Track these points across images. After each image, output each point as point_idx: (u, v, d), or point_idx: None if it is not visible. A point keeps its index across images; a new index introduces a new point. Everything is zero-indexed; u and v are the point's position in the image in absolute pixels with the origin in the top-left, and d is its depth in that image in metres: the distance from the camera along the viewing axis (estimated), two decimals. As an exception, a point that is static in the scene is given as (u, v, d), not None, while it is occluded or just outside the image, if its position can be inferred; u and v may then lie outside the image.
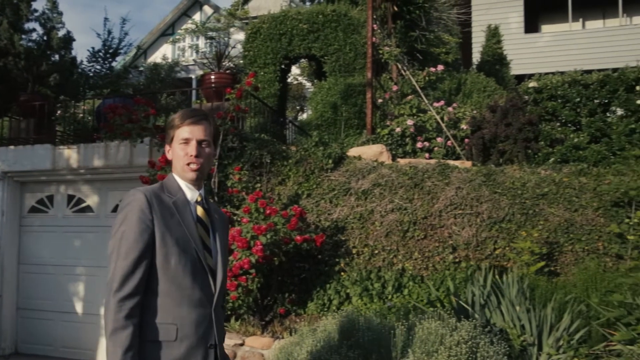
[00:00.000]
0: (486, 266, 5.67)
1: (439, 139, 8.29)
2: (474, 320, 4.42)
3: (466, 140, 8.27)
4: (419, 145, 8.25)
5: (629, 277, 4.66)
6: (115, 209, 7.71)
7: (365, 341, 4.33)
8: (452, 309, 5.06)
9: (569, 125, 8.34)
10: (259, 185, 6.84)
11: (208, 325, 2.25)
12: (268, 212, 5.91)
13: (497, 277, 5.27)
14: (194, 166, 2.31)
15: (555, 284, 5.24)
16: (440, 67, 9.66)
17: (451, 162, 7.03)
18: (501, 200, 6.20)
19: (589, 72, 8.85)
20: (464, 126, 8.40)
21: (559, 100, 8.36)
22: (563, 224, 5.93)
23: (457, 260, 6.00)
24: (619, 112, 8.26)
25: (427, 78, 9.43)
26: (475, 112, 8.79)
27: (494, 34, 14.65)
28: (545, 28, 20.11)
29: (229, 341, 5.70)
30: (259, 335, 5.83)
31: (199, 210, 2.37)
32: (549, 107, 8.31)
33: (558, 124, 8.31)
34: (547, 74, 9.09)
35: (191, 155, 2.30)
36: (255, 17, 15.69)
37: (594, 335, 4.61)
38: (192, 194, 2.37)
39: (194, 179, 2.35)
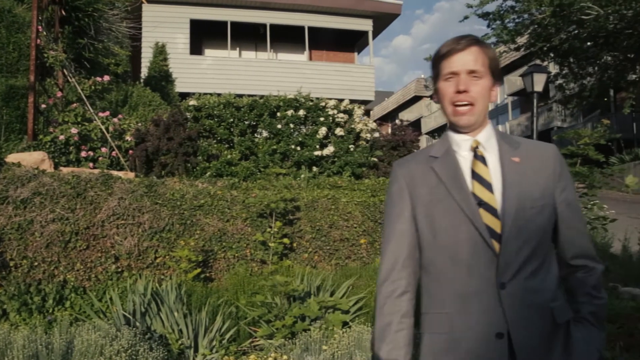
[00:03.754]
0: (147, 275, 5.64)
1: (103, 149, 7.95)
2: (134, 329, 4.36)
3: (130, 151, 8.12)
4: (83, 154, 7.79)
5: (269, 280, 5.10)
6: None
7: (21, 359, 3.91)
8: (114, 318, 4.90)
9: (224, 142, 8.83)
10: None
11: (494, 310, 1.66)
12: None
13: (157, 285, 5.29)
14: (462, 105, 1.68)
15: (210, 289, 5.47)
16: (107, 78, 9.29)
17: (115, 173, 6.81)
18: (162, 211, 6.23)
19: (242, 96, 9.50)
20: (128, 138, 8.23)
21: (216, 119, 8.79)
22: (217, 233, 6.23)
23: (119, 270, 5.82)
24: (265, 133, 9.04)
25: (93, 87, 8.97)
26: (140, 124, 8.68)
27: (161, 51, 14.71)
28: (209, 52, 21.00)
29: None
30: None
31: (474, 163, 1.72)
32: (207, 124, 8.67)
33: (214, 141, 8.72)
34: (207, 94, 9.47)
35: (456, 92, 1.66)
36: None
37: (242, 334, 4.96)
38: (465, 144, 1.73)
39: (465, 124, 1.70)
